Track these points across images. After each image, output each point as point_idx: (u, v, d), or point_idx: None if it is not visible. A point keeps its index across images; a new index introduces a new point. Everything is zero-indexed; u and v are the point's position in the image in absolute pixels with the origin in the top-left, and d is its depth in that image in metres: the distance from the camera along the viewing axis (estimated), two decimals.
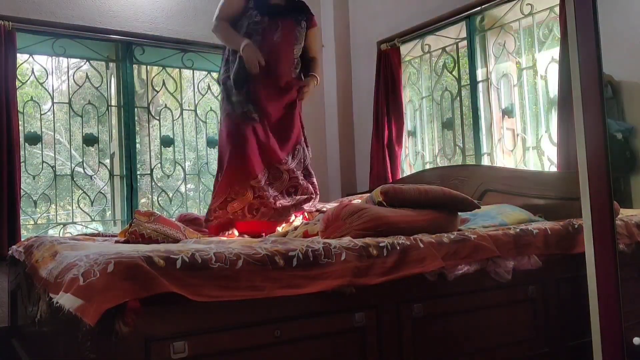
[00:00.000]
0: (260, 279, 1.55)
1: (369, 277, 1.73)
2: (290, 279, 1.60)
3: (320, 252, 1.70)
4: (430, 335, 1.91)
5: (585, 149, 1.63)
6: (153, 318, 1.39)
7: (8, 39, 3.43)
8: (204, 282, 1.45)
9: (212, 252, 1.53)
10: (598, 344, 1.61)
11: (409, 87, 4.42)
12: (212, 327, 1.49)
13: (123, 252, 1.44)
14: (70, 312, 1.31)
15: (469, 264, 1.97)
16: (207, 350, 1.48)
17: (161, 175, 4.24)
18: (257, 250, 1.62)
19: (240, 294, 1.50)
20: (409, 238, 1.92)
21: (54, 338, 1.73)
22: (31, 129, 3.76)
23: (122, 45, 3.99)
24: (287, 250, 1.65)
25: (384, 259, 1.79)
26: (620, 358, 1.57)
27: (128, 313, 1.31)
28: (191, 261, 1.47)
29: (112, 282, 1.31)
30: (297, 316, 1.64)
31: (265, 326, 1.58)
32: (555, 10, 3.27)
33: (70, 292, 1.34)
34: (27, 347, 2.43)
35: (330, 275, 1.66)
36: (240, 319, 1.54)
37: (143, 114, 4.30)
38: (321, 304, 1.68)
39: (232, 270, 1.51)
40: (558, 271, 2.28)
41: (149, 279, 1.36)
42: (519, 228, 2.25)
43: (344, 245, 1.77)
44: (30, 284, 2.06)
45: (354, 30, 4.74)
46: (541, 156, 3.44)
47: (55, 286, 1.49)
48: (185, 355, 1.43)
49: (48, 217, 3.91)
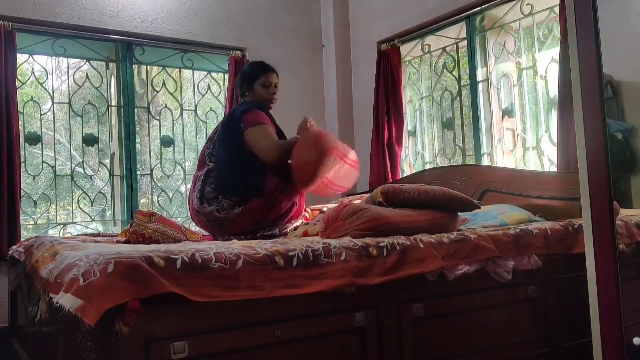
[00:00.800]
0: (260, 279, 1.55)
1: (369, 277, 1.73)
2: (290, 279, 1.60)
3: (320, 252, 1.70)
4: (430, 335, 1.91)
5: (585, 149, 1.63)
6: (153, 318, 1.39)
7: (8, 39, 3.43)
8: (204, 282, 1.45)
9: (212, 252, 1.53)
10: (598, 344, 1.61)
11: (409, 87, 4.42)
12: (212, 327, 1.49)
13: (123, 252, 1.44)
14: (70, 312, 1.31)
15: (469, 264, 1.97)
16: (207, 350, 1.48)
17: (161, 175, 4.24)
18: (257, 250, 1.62)
19: (240, 294, 1.50)
20: (409, 238, 1.92)
21: (54, 338, 1.73)
22: (31, 129, 3.76)
23: (122, 45, 3.99)
24: (287, 250, 1.65)
25: (384, 259, 1.79)
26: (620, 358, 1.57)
27: (128, 313, 1.31)
28: (191, 261, 1.47)
29: (112, 282, 1.31)
30: (297, 316, 1.64)
31: (265, 326, 1.58)
32: (555, 10, 3.27)
33: (70, 292, 1.34)
34: (27, 347, 2.43)
35: (330, 275, 1.66)
36: (240, 319, 1.54)
37: (143, 114, 4.30)
38: (321, 304, 1.67)
39: (232, 270, 1.51)
40: (558, 271, 2.28)
41: (149, 279, 1.36)
42: (519, 228, 2.25)
43: (344, 245, 1.77)
44: (30, 284, 2.06)
45: (354, 30, 4.74)
46: (541, 156, 3.44)
47: (55, 286, 1.49)
48: (185, 355, 1.43)
49: (48, 217, 3.91)
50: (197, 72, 4.38)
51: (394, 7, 4.28)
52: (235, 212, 2.53)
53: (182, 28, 4.12)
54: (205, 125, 4.41)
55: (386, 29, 4.34)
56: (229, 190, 2.56)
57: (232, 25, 4.35)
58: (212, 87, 4.42)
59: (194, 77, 4.36)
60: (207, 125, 4.41)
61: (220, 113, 4.39)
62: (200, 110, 4.39)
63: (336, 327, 1.72)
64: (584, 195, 1.64)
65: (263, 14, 4.51)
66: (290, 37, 4.64)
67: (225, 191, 2.56)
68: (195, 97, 4.34)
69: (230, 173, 2.58)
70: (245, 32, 4.40)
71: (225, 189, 2.56)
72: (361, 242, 1.82)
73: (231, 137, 2.64)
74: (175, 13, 4.11)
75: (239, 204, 2.53)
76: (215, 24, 4.27)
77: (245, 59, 4.35)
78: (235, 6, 4.38)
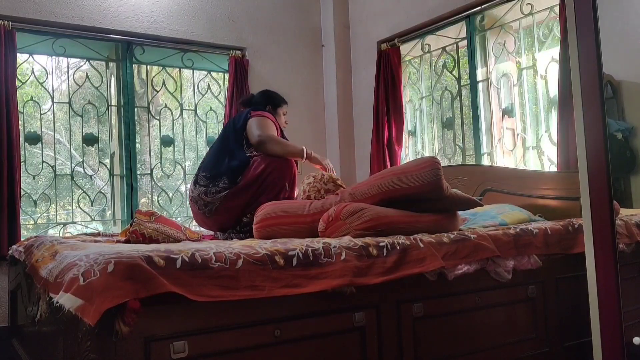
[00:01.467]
0: (260, 278, 1.55)
1: (369, 276, 1.73)
2: (290, 278, 1.60)
3: (320, 251, 1.70)
4: (430, 335, 1.91)
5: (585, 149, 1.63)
6: (153, 318, 1.39)
7: (8, 39, 3.43)
8: (204, 281, 1.45)
9: (212, 251, 1.53)
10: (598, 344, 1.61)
11: (409, 87, 4.42)
12: (212, 327, 1.49)
13: (123, 252, 1.44)
14: (70, 312, 1.31)
15: (469, 263, 1.97)
16: (207, 350, 1.48)
17: (161, 175, 4.24)
18: (257, 250, 1.62)
19: (240, 294, 1.50)
20: (409, 238, 1.92)
21: (54, 338, 1.73)
22: (31, 128, 3.76)
23: (122, 45, 3.99)
24: (287, 250, 1.65)
25: (384, 259, 1.79)
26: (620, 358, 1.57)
27: (128, 313, 1.31)
28: (191, 261, 1.47)
29: (112, 282, 1.31)
30: (297, 316, 1.64)
31: (265, 326, 1.58)
32: (555, 10, 3.27)
33: (70, 292, 1.34)
34: (27, 347, 2.43)
35: (330, 275, 1.66)
36: (240, 319, 1.54)
37: (143, 114, 4.30)
38: (321, 303, 1.67)
39: (232, 270, 1.51)
40: (558, 271, 2.28)
41: (149, 279, 1.36)
42: (519, 228, 2.25)
43: (344, 245, 1.77)
44: (30, 283, 2.06)
45: (354, 30, 4.74)
46: (541, 156, 3.44)
47: (55, 286, 1.49)
48: (185, 355, 1.43)
49: (48, 217, 3.90)
50: (197, 72, 4.38)
51: (394, 7, 4.28)
52: (221, 196, 2.58)
53: (182, 28, 4.12)
54: (205, 125, 4.41)
55: (386, 29, 4.34)
56: (218, 173, 2.63)
57: (232, 25, 4.35)
58: (212, 86, 4.42)
59: (194, 76, 4.36)
60: (207, 125, 4.41)
61: (220, 113, 4.39)
62: (200, 110, 4.39)
63: (336, 327, 1.72)
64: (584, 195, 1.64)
65: (263, 14, 4.51)
66: (290, 37, 4.64)
67: (215, 175, 2.64)
68: (195, 96, 4.34)
69: (221, 156, 2.70)
70: (245, 32, 4.40)
71: (214, 172, 2.64)
72: (361, 241, 1.82)
73: (233, 123, 2.79)
74: (175, 13, 4.11)
75: (225, 188, 2.59)
76: (215, 24, 4.27)
77: (245, 58, 4.35)
78: (235, 6, 4.38)
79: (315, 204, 2.30)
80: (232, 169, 2.62)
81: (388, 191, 2.14)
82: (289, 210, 2.33)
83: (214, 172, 2.65)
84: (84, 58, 3.95)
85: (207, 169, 2.69)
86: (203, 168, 2.72)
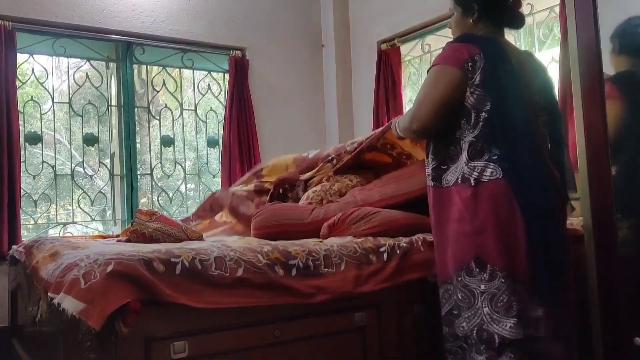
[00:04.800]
0: (261, 288, 1.56)
1: (370, 284, 1.75)
2: (290, 288, 1.61)
3: (320, 261, 1.70)
4: (430, 335, 1.91)
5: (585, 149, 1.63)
6: (153, 318, 1.39)
7: (8, 39, 3.42)
8: (205, 288, 1.46)
9: (214, 255, 1.54)
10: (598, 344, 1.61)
11: (409, 87, 4.42)
12: (212, 327, 1.49)
13: (123, 253, 1.44)
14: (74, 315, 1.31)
15: None
16: (207, 350, 1.48)
17: (161, 175, 4.24)
18: (258, 257, 1.62)
19: (242, 301, 1.51)
20: (410, 240, 1.93)
21: (54, 338, 1.73)
22: (31, 128, 3.76)
23: (122, 45, 3.99)
24: (287, 259, 1.66)
25: (384, 265, 1.80)
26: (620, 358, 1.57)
27: (129, 314, 1.31)
28: (191, 267, 1.47)
29: (112, 284, 1.32)
30: (297, 316, 1.64)
31: (265, 326, 1.58)
32: (555, 10, 3.27)
33: (71, 295, 1.34)
34: (27, 347, 2.43)
35: (331, 287, 1.68)
36: (240, 319, 1.54)
37: (143, 114, 4.29)
38: (321, 304, 1.67)
39: (232, 279, 1.52)
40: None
41: (149, 287, 1.37)
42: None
43: (345, 253, 1.77)
44: (31, 283, 2.06)
45: (354, 30, 4.74)
46: None
47: (56, 286, 1.49)
48: (185, 355, 1.43)
49: (48, 217, 3.90)
50: (197, 72, 4.37)
51: (394, 7, 4.28)
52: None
53: (182, 28, 4.12)
54: (206, 125, 4.41)
55: (386, 29, 4.34)
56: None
57: (232, 25, 4.34)
58: (212, 87, 4.42)
59: (194, 77, 4.36)
60: (207, 125, 4.41)
61: (220, 113, 4.38)
62: (201, 110, 4.38)
63: (336, 327, 1.72)
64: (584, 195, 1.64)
65: (263, 14, 4.50)
66: (290, 37, 4.63)
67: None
68: (195, 96, 4.34)
69: None
70: (245, 32, 4.40)
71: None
72: (361, 247, 1.83)
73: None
74: (175, 13, 4.10)
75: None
76: (216, 24, 4.27)
77: (245, 58, 4.35)
78: (235, 6, 4.37)
79: (316, 213, 2.30)
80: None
81: (392, 197, 2.17)
82: (289, 219, 2.32)
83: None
84: (84, 58, 3.95)
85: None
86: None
